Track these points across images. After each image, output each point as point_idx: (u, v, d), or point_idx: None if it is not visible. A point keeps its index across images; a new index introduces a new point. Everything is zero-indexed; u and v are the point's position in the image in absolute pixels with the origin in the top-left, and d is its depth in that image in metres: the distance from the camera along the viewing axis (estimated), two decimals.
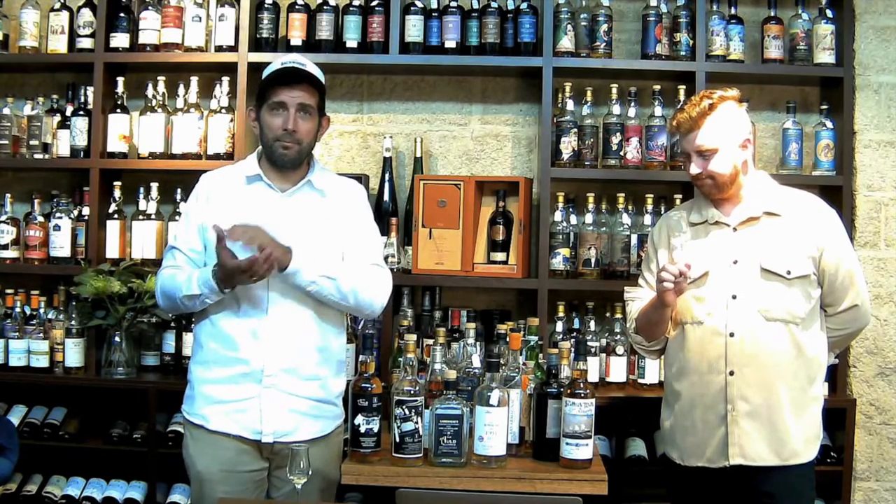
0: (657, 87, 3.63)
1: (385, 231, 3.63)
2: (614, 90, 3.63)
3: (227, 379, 2.58)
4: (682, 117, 2.64)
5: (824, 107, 3.65)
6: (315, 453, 2.44)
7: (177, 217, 3.64)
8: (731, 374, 2.59)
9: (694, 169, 2.63)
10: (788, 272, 2.59)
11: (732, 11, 3.64)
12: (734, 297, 2.60)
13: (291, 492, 2.46)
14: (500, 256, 3.60)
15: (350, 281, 2.59)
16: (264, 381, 2.56)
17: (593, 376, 3.45)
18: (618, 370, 3.54)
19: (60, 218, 3.68)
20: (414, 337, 2.70)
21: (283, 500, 2.61)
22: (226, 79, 3.67)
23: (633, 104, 3.63)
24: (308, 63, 2.66)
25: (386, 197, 3.70)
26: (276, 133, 2.58)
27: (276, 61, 2.66)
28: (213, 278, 2.49)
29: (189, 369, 2.70)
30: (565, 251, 3.58)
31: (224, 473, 2.58)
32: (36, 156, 3.75)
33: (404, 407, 2.51)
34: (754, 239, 2.63)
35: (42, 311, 3.64)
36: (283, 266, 2.50)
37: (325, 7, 3.66)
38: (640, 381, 3.55)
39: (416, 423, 2.52)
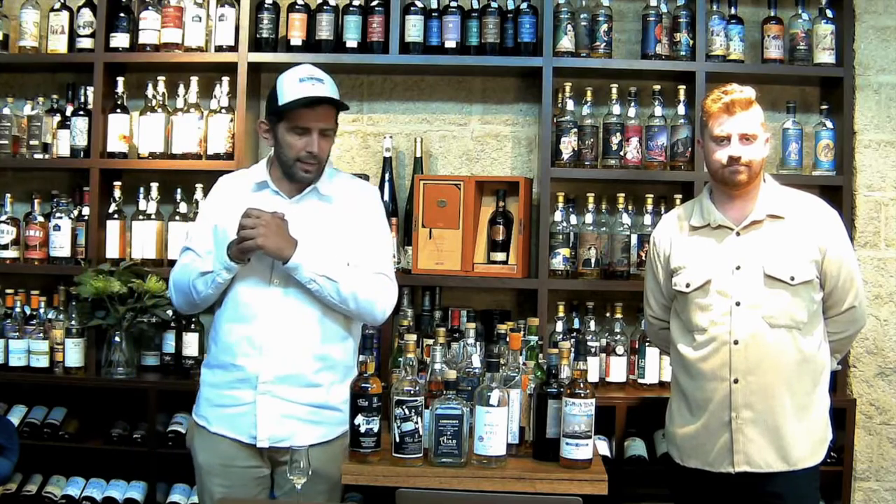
0: (657, 88, 3.63)
1: None
2: (614, 90, 3.62)
3: (225, 384, 2.64)
4: (736, 98, 2.57)
5: (824, 107, 3.65)
6: (316, 456, 2.45)
7: (177, 217, 3.68)
8: (736, 381, 2.57)
9: (735, 151, 2.56)
10: (792, 278, 2.57)
11: (732, 11, 3.64)
12: (738, 304, 2.58)
13: (291, 490, 2.46)
14: (500, 256, 3.60)
15: (351, 285, 2.58)
16: (259, 388, 2.59)
17: (593, 376, 3.45)
18: (618, 370, 3.55)
19: (60, 218, 3.68)
20: (414, 337, 2.69)
21: (282, 500, 2.61)
22: (226, 79, 3.67)
23: (633, 104, 3.62)
24: (325, 79, 2.60)
25: (386, 197, 3.69)
26: (298, 154, 2.58)
27: (295, 76, 2.57)
28: (226, 250, 2.53)
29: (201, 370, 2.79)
30: (565, 251, 3.58)
31: (222, 468, 2.63)
32: (36, 156, 3.75)
33: (404, 407, 2.51)
34: (758, 244, 2.61)
35: (42, 311, 3.64)
36: (285, 258, 2.52)
37: (325, 7, 3.66)
38: (639, 381, 3.56)
39: (416, 423, 2.51)
